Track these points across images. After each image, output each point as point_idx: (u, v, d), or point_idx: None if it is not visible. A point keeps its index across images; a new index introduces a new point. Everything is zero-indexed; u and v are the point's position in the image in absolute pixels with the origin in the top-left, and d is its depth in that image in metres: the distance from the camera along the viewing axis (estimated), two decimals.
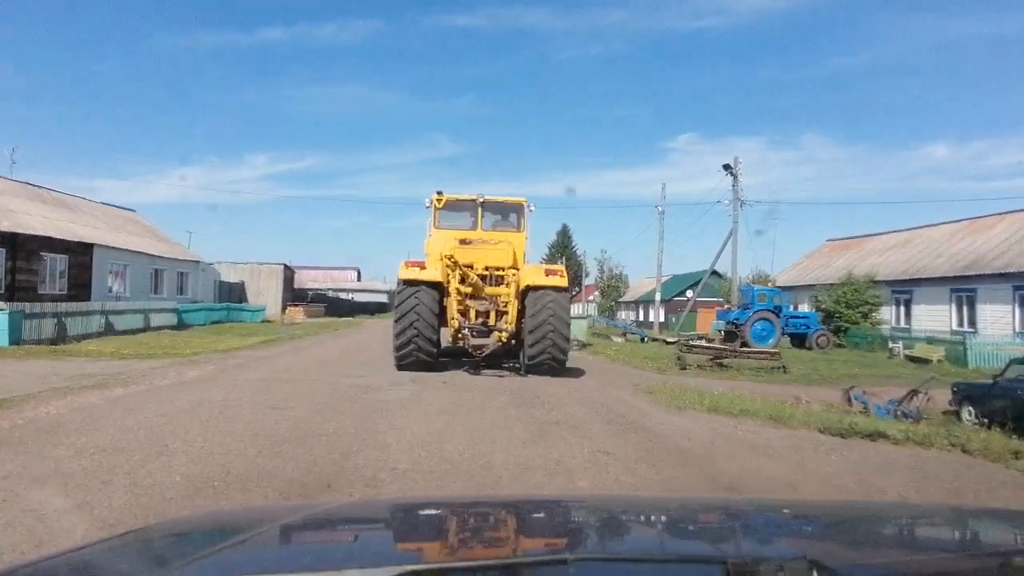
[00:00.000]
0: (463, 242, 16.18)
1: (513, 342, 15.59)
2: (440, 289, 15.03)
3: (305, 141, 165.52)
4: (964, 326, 29.67)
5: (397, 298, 15.16)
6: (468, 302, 15.44)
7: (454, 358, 16.55)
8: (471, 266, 15.49)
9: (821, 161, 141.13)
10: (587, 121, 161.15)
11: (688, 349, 22.14)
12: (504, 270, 16.04)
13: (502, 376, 14.81)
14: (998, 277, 28.13)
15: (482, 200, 17.29)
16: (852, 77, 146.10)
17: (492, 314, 15.59)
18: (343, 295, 70.37)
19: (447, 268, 14.78)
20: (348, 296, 71.56)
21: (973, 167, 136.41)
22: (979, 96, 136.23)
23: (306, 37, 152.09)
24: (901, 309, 33.81)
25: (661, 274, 42.39)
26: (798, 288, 40.18)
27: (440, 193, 17.27)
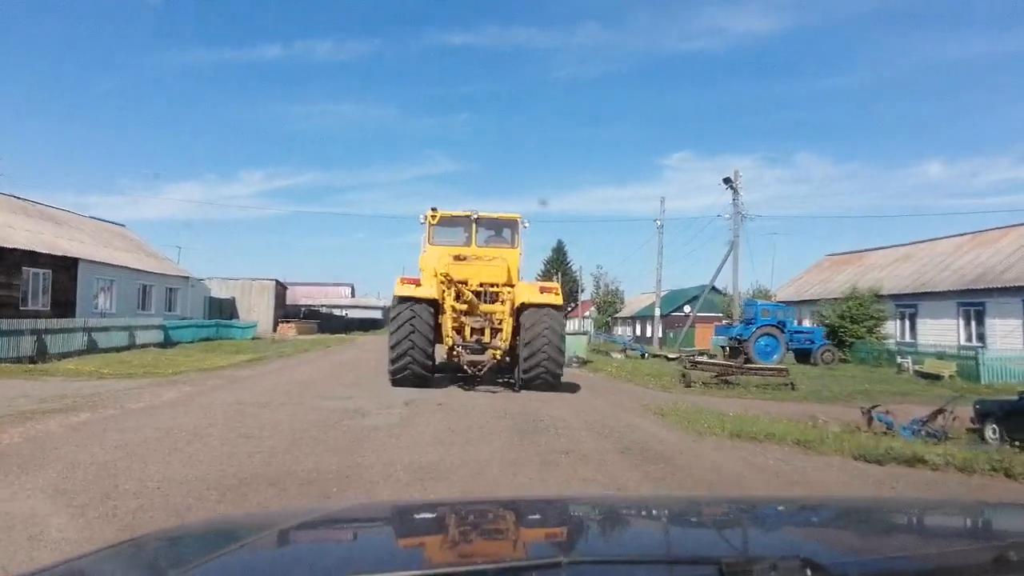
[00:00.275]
0: (457, 258, 16.15)
1: (508, 359, 15.63)
2: (435, 306, 15.03)
3: (301, 158, 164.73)
4: (972, 340, 28.98)
5: (392, 314, 15.17)
6: (463, 319, 15.46)
7: (449, 374, 16.30)
8: (465, 283, 15.51)
9: (814, 179, 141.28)
10: (582, 139, 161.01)
11: (693, 366, 21.38)
12: (499, 287, 16.03)
13: (496, 392, 14.65)
14: (1008, 291, 27.46)
15: (476, 216, 17.30)
16: (844, 96, 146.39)
17: (487, 331, 15.53)
18: (336, 311, 69.31)
19: (442, 285, 14.83)
20: (342, 312, 70.54)
21: (965, 185, 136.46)
22: (971, 115, 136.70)
23: (303, 55, 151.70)
24: (906, 323, 33.10)
25: (660, 289, 41.51)
26: (798, 303, 39.43)
27: (434, 209, 17.24)
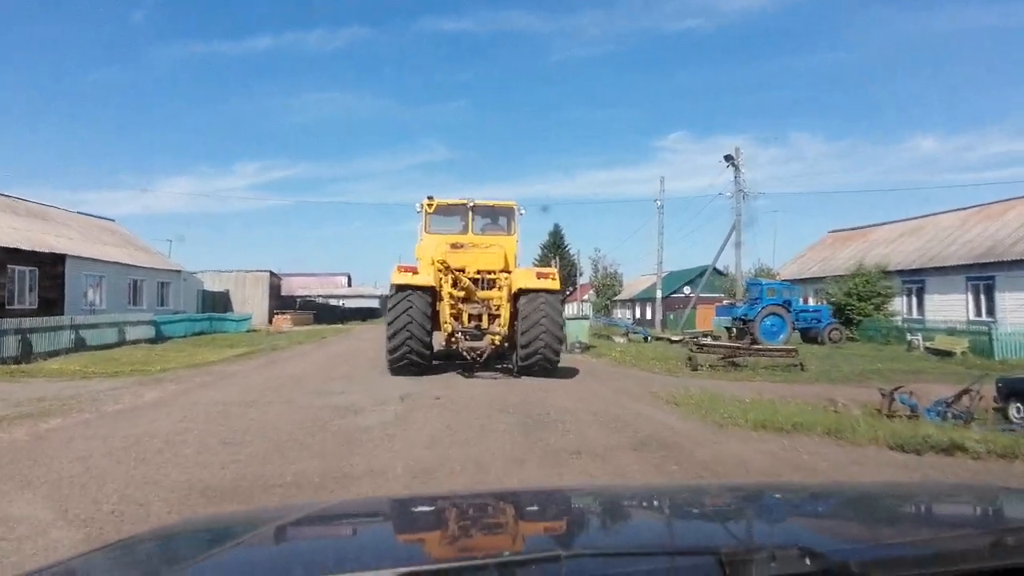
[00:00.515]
0: (454, 246, 16.36)
1: (506, 344, 15.71)
2: (433, 293, 15.13)
3: (295, 149, 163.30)
4: (982, 315, 28.32)
5: (390, 303, 15.25)
6: (461, 306, 15.60)
7: (448, 361, 16.18)
8: (463, 270, 15.65)
9: (809, 157, 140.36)
10: (578, 122, 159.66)
11: (699, 349, 20.67)
12: (496, 273, 16.14)
13: (496, 379, 14.62)
14: (1018, 264, 26.76)
15: (472, 204, 17.43)
16: (838, 73, 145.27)
17: (485, 317, 15.67)
18: (333, 301, 68.49)
19: (439, 273, 15.01)
20: (339, 302, 69.72)
21: (957, 159, 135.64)
22: (964, 89, 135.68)
23: (295, 45, 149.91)
24: (913, 299, 32.40)
25: (661, 270, 40.73)
26: (801, 281, 38.70)
27: (430, 198, 17.35)
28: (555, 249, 74.50)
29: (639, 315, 63.41)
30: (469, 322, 15.56)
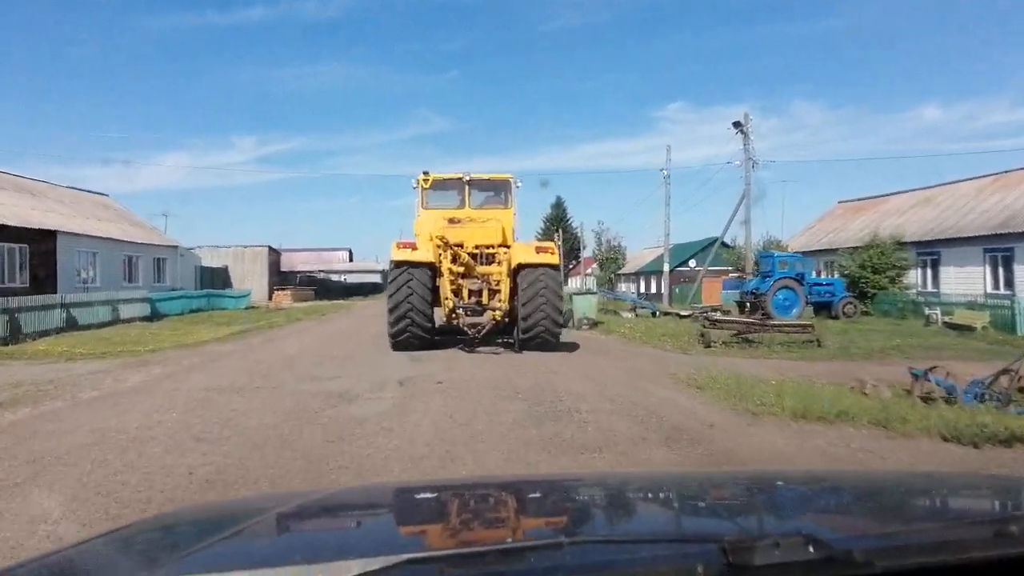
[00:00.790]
0: (452, 221, 16.36)
1: (507, 319, 15.68)
2: (432, 269, 15.14)
3: (291, 123, 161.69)
4: (1000, 288, 27.41)
5: (390, 279, 15.30)
6: (461, 281, 15.58)
7: (449, 336, 16.00)
8: (461, 245, 15.59)
9: (811, 126, 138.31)
10: (577, 93, 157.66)
11: (712, 324, 19.82)
12: (495, 248, 16.12)
13: (498, 354, 14.56)
14: None
15: (468, 179, 17.35)
16: (839, 40, 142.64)
17: (485, 292, 15.69)
18: (334, 277, 67.69)
19: (439, 248, 14.98)
20: (340, 278, 68.94)
21: (960, 128, 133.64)
22: (967, 57, 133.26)
23: (287, 16, 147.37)
24: (928, 271, 31.47)
25: (669, 242, 39.74)
26: (811, 254, 37.74)
27: (426, 173, 17.33)
28: (558, 222, 73.62)
29: (644, 289, 62.53)
30: (469, 298, 15.62)
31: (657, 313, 31.80)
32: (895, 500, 1.98)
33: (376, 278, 68.25)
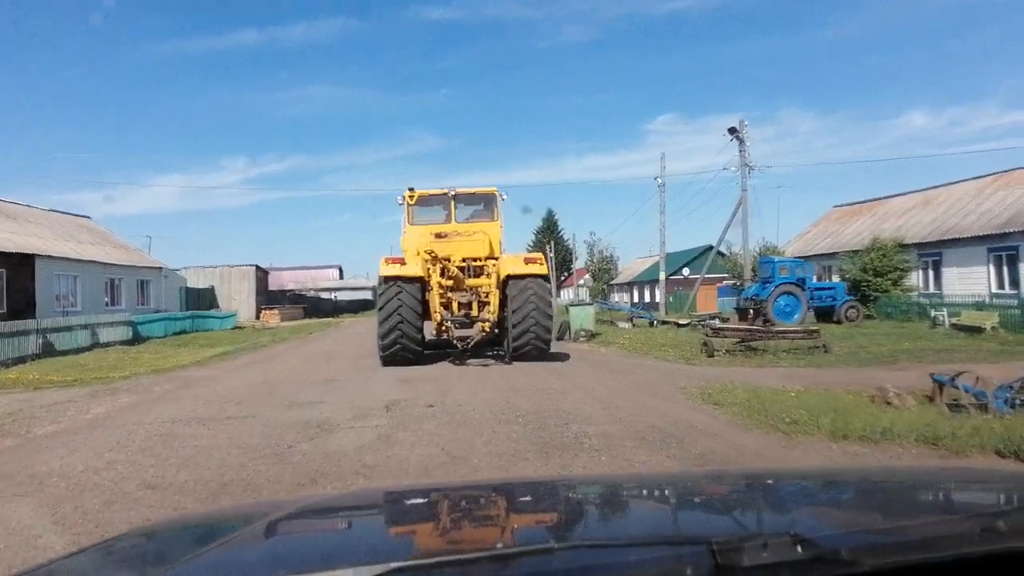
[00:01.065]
0: (438, 236, 16.38)
1: (497, 331, 15.72)
2: (421, 283, 15.22)
3: (282, 144, 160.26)
4: (1005, 287, 26.80)
5: (379, 295, 15.35)
6: (450, 294, 15.63)
7: (439, 350, 16.14)
8: (449, 259, 15.57)
9: (801, 134, 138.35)
10: (566, 108, 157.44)
11: (714, 333, 19.06)
12: (482, 260, 16.12)
13: (487, 365, 14.52)
14: None
15: (453, 193, 17.48)
16: (827, 49, 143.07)
17: (474, 305, 15.74)
18: (324, 295, 66.69)
19: (427, 263, 15.05)
20: (330, 296, 67.99)
21: (947, 134, 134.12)
22: (953, 64, 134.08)
23: (279, 39, 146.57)
24: (929, 273, 30.86)
25: (664, 251, 38.99)
26: (808, 258, 37.06)
27: (411, 189, 17.45)
28: (549, 234, 73.05)
29: (638, 298, 61.82)
30: (459, 310, 15.71)
31: (655, 322, 31.01)
32: (884, 498, 1.94)
33: (367, 295, 67.25)
